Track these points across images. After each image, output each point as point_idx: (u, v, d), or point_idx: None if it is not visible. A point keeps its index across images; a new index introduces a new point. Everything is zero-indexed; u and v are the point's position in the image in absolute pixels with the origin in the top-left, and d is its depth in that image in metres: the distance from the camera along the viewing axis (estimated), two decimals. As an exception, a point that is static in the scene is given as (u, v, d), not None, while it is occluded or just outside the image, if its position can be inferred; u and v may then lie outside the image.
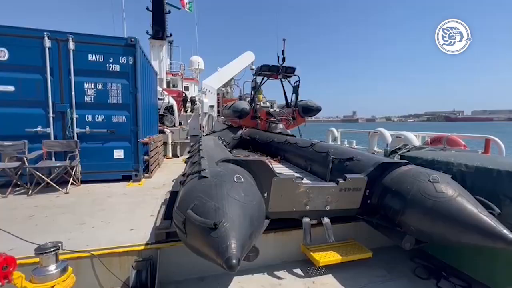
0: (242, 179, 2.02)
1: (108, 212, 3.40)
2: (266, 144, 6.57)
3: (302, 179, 2.65)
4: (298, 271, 2.63)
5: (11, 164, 4.16)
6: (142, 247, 2.45)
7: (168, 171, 6.21)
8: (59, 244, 1.90)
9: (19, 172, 4.26)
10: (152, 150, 5.74)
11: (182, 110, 11.49)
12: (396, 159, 3.29)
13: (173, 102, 10.17)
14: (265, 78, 8.14)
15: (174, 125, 9.58)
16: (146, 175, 5.40)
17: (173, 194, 2.99)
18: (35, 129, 4.50)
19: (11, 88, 4.38)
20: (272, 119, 7.76)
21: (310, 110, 7.98)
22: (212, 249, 1.53)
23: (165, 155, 8.03)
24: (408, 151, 3.49)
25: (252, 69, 11.71)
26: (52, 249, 1.83)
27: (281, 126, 7.86)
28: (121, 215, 3.28)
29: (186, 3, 15.83)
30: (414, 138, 6.30)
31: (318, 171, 4.23)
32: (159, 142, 6.82)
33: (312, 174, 4.41)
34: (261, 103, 8.39)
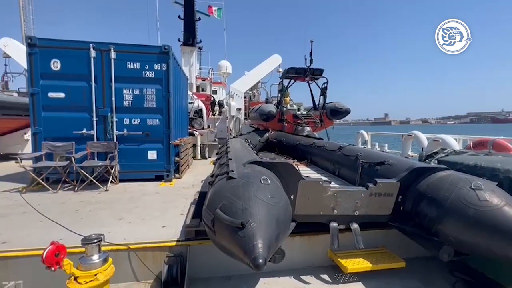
0: (269, 181, 2.05)
1: (143, 209, 3.63)
2: (293, 147, 6.54)
3: (330, 183, 2.61)
4: (325, 276, 2.58)
5: (61, 163, 4.64)
6: (174, 244, 2.58)
7: (197, 172, 6.45)
8: (101, 236, 2.08)
9: (68, 170, 4.73)
10: (183, 151, 6.00)
11: (210, 113, 11.86)
12: (433, 164, 3.09)
13: (202, 105, 10.55)
14: (292, 81, 8.11)
15: (203, 128, 9.92)
16: (176, 175, 5.67)
17: (202, 194, 3.11)
18: (81, 132, 4.97)
19: (62, 95, 4.89)
20: (299, 121, 7.70)
21: (338, 113, 7.78)
22: (239, 248, 1.57)
23: (194, 157, 8.34)
24: (447, 155, 3.26)
25: (279, 71, 11.74)
26: (95, 241, 2.01)
27: (308, 128, 7.77)
28: (154, 213, 3.49)
29: (215, 10, 16.38)
30: (454, 141, 5.84)
31: (347, 175, 4.11)
32: (189, 144, 7.11)
33: (340, 178, 4.29)
34: (288, 105, 8.37)
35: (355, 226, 2.59)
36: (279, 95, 8.43)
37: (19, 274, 2.33)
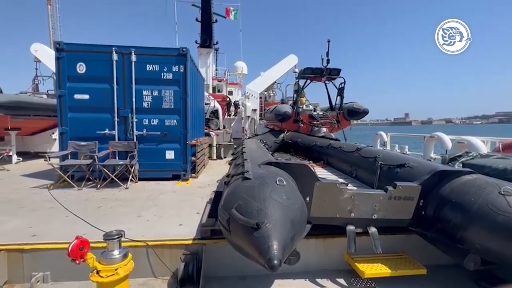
0: (284, 182, 2.04)
1: (160, 207, 3.73)
2: (309, 148, 6.47)
3: (347, 185, 2.55)
4: (341, 280, 2.53)
5: (85, 161, 4.87)
6: (190, 242, 2.63)
7: (213, 172, 6.54)
8: (122, 233, 2.16)
9: (91, 169, 4.95)
10: (199, 151, 6.11)
11: (226, 114, 11.99)
12: (457, 167, 2.94)
13: (218, 106, 10.70)
14: (308, 81, 8.03)
15: (218, 128, 10.05)
16: (193, 175, 5.77)
17: (218, 194, 3.15)
18: (104, 132, 5.19)
19: (86, 97, 5.14)
20: (315, 122, 7.61)
21: (356, 113, 7.61)
22: (254, 248, 1.58)
23: (210, 157, 8.46)
24: (472, 158, 3.10)
25: (295, 72, 11.66)
26: (116, 237, 2.09)
27: (324, 129, 7.66)
28: (171, 211, 3.57)
29: (231, 12, 16.55)
30: (481, 143, 5.52)
31: (365, 178, 4.01)
32: (205, 144, 7.22)
33: (358, 180, 4.20)
34: (304, 106, 8.29)
35: (373, 230, 2.51)
36: (295, 95, 8.37)
37: (46, 266, 2.47)
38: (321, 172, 4.94)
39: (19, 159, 7.52)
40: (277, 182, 1.99)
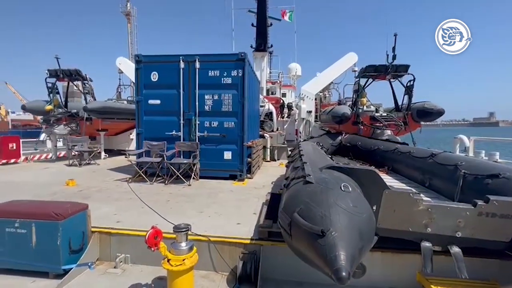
0: (350, 188, 1.90)
1: (220, 205, 3.93)
2: (370, 152, 5.97)
3: (419, 195, 2.25)
4: (412, 303, 2.24)
5: (156, 159, 5.49)
6: (248, 241, 2.69)
7: (267, 174, 6.60)
8: (188, 227, 2.33)
9: (160, 166, 5.54)
10: (254, 153, 6.25)
11: (280, 116, 12.00)
12: None
13: (272, 108, 10.78)
14: (370, 80, 7.44)
15: (272, 130, 10.12)
16: (248, 175, 5.93)
17: (274, 196, 3.15)
18: (171, 133, 5.75)
19: (158, 102, 5.78)
20: (377, 124, 7.00)
21: (428, 114, 6.73)
22: (319, 256, 1.50)
23: (263, 158, 8.57)
24: None
25: (355, 71, 10.95)
26: (184, 230, 2.27)
27: (388, 132, 6.98)
28: (230, 210, 3.73)
29: (286, 14, 16.56)
30: None
31: (441, 188, 3.50)
32: (260, 146, 7.36)
33: (432, 190, 3.69)
34: (364, 107, 7.72)
35: (456, 249, 2.15)
36: (355, 95, 7.86)
37: (127, 249, 2.84)
38: (385, 178, 4.47)
39: (106, 156, 8.95)
40: (342, 188, 1.87)
